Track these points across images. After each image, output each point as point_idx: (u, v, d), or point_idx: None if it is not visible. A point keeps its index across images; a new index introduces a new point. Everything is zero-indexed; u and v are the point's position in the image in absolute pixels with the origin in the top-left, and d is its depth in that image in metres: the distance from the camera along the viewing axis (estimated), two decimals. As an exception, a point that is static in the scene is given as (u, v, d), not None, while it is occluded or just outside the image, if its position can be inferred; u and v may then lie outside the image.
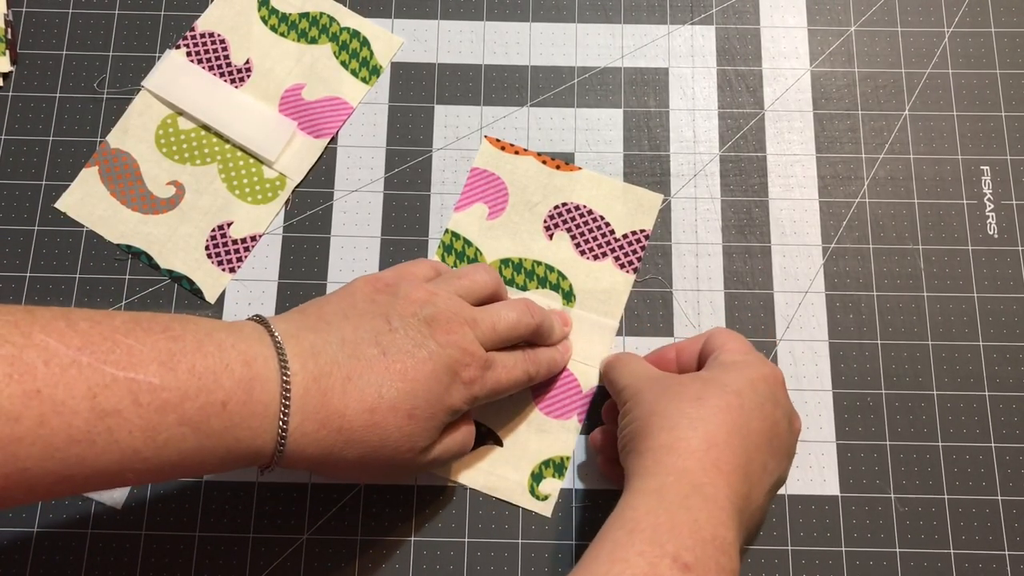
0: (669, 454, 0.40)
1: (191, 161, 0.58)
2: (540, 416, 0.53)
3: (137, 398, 0.34)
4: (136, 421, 0.34)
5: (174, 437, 0.35)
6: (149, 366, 0.34)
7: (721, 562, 0.37)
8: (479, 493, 0.52)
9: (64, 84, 0.59)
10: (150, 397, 0.34)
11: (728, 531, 0.38)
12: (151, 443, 0.34)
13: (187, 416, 0.35)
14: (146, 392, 0.34)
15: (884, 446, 0.53)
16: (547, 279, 0.56)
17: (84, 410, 0.32)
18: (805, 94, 0.60)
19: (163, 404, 0.34)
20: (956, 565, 0.51)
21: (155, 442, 0.34)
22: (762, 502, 0.43)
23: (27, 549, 0.51)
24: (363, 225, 0.57)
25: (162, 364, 0.35)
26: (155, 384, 0.34)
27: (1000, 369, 0.54)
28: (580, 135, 0.59)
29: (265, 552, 0.51)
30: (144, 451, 0.34)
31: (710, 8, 0.62)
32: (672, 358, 0.51)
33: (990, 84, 0.60)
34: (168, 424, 0.35)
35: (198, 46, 0.60)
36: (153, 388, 0.34)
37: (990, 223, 0.57)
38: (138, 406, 0.34)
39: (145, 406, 0.34)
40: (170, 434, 0.35)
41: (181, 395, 0.35)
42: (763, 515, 0.46)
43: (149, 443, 0.34)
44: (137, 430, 0.34)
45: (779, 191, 0.58)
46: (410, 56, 0.61)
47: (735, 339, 0.48)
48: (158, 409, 0.34)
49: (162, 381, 0.34)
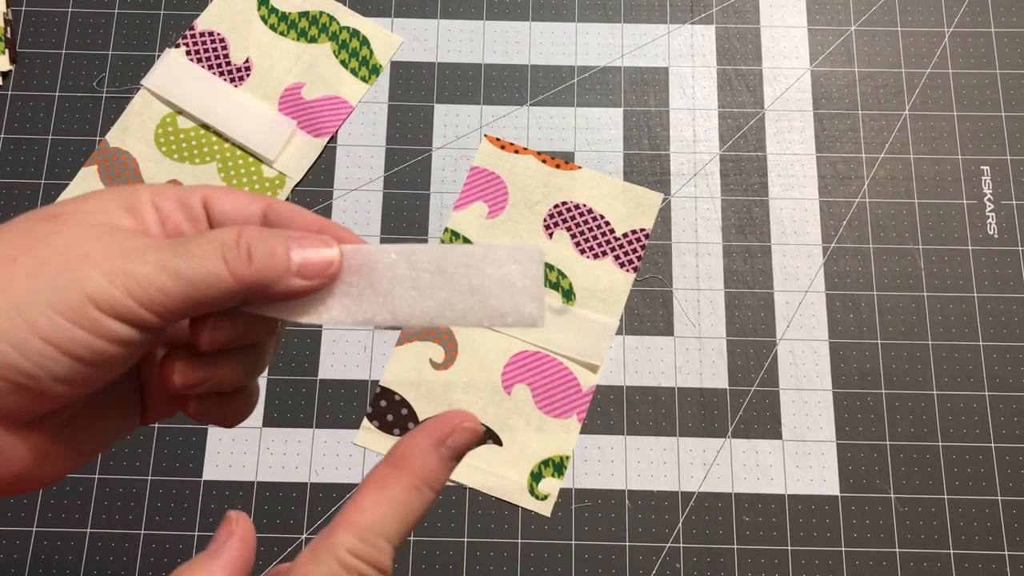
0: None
1: (190, 160, 0.58)
2: (540, 415, 0.53)
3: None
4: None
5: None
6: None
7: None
8: (479, 493, 0.52)
9: (63, 83, 0.59)
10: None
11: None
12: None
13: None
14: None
15: (884, 446, 0.53)
16: (547, 278, 0.56)
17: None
18: (805, 94, 0.60)
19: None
20: (956, 565, 0.51)
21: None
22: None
23: (27, 549, 0.51)
24: (363, 224, 0.57)
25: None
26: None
27: (1000, 369, 0.54)
28: (580, 134, 0.59)
29: (265, 552, 0.51)
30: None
31: (710, 7, 0.62)
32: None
33: (990, 84, 0.60)
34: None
35: (198, 45, 0.60)
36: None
37: (990, 223, 0.57)
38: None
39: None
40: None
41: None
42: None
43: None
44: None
45: (779, 191, 0.58)
46: (410, 55, 0.61)
47: None
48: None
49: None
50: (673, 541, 0.51)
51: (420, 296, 0.26)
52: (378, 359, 0.55)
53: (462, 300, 0.26)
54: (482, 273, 0.26)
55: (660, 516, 0.52)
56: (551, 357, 0.54)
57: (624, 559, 0.51)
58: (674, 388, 0.54)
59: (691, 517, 0.52)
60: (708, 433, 0.53)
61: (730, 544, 0.51)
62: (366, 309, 0.27)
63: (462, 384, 0.54)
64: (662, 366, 0.55)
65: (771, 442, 0.53)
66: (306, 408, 0.54)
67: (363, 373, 0.54)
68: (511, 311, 0.26)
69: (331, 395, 0.54)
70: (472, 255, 0.26)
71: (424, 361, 0.54)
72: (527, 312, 0.26)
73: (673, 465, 0.53)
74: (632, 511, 0.52)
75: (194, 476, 0.52)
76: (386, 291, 0.27)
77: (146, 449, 0.53)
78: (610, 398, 0.54)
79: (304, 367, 0.54)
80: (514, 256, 0.26)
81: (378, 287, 0.27)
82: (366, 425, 0.53)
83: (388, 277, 0.27)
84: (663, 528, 0.52)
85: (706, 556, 0.51)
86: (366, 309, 0.27)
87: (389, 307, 0.27)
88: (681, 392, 0.54)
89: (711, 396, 0.54)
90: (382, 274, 0.27)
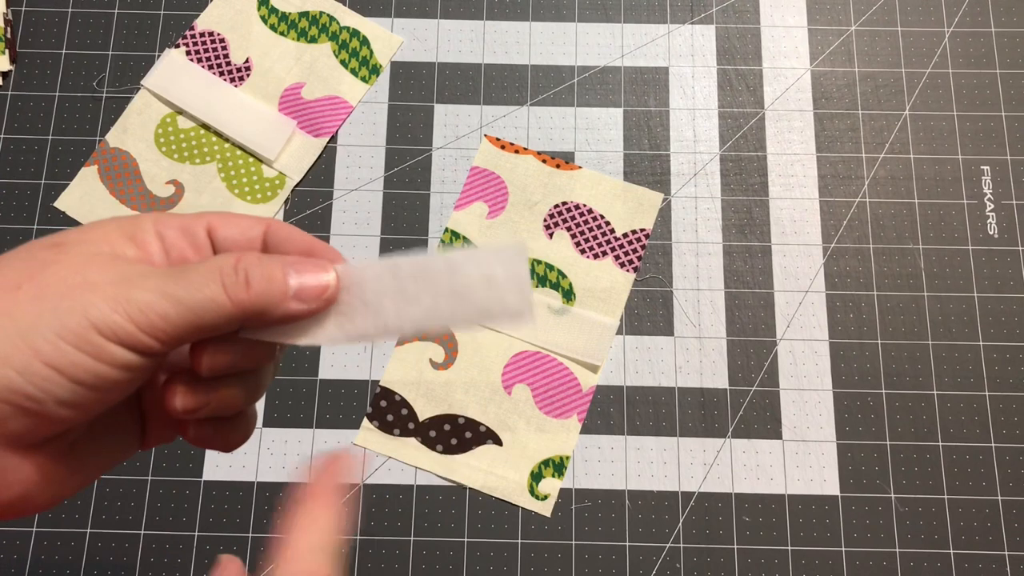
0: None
1: (190, 160, 0.58)
2: (540, 416, 0.53)
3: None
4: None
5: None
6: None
7: None
8: (479, 493, 0.52)
9: (63, 83, 0.59)
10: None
11: None
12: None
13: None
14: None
15: (884, 446, 0.53)
16: (547, 278, 0.56)
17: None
18: (805, 93, 0.60)
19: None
20: (956, 565, 0.51)
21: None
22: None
23: (27, 549, 0.51)
24: (363, 224, 0.57)
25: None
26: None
27: (1000, 369, 0.54)
28: (580, 134, 0.59)
29: (265, 552, 0.51)
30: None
31: (710, 7, 0.62)
32: None
33: (990, 84, 0.60)
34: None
35: (198, 45, 0.60)
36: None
37: (990, 223, 0.57)
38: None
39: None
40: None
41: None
42: None
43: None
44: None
45: (779, 190, 0.58)
46: (410, 55, 0.61)
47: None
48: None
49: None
50: (673, 541, 0.51)
51: (407, 304, 0.27)
52: (378, 359, 0.55)
53: (448, 303, 0.27)
54: (466, 275, 0.27)
55: (660, 516, 0.52)
56: (551, 357, 0.54)
57: (624, 559, 0.51)
58: (674, 388, 0.54)
59: (691, 517, 0.52)
60: (708, 433, 0.53)
61: (730, 544, 0.51)
62: (358, 324, 0.27)
63: (462, 384, 0.54)
64: (662, 366, 0.55)
65: (771, 442, 0.53)
66: (306, 408, 0.54)
67: (363, 373, 0.54)
68: (498, 308, 0.27)
69: (331, 395, 0.54)
70: (454, 259, 0.27)
71: (424, 361, 0.54)
72: (514, 307, 0.26)
73: (673, 465, 0.53)
74: (632, 511, 0.52)
75: (194, 476, 0.52)
76: (375, 304, 0.27)
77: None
78: (610, 398, 0.54)
79: (304, 367, 0.54)
80: (496, 256, 0.27)
81: (367, 301, 0.27)
82: (366, 425, 0.53)
83: (375, 290, 0.27)
84: (663, 528, 0.52)
85: (706, 556, 0.51)
86: (358, 324, 0.27)
87: (379, 319, 0.27)
88: (681, 392, 0.54)
89: (711, 396, 0.54)
90: (369, 288, 0.27)
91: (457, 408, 0.53)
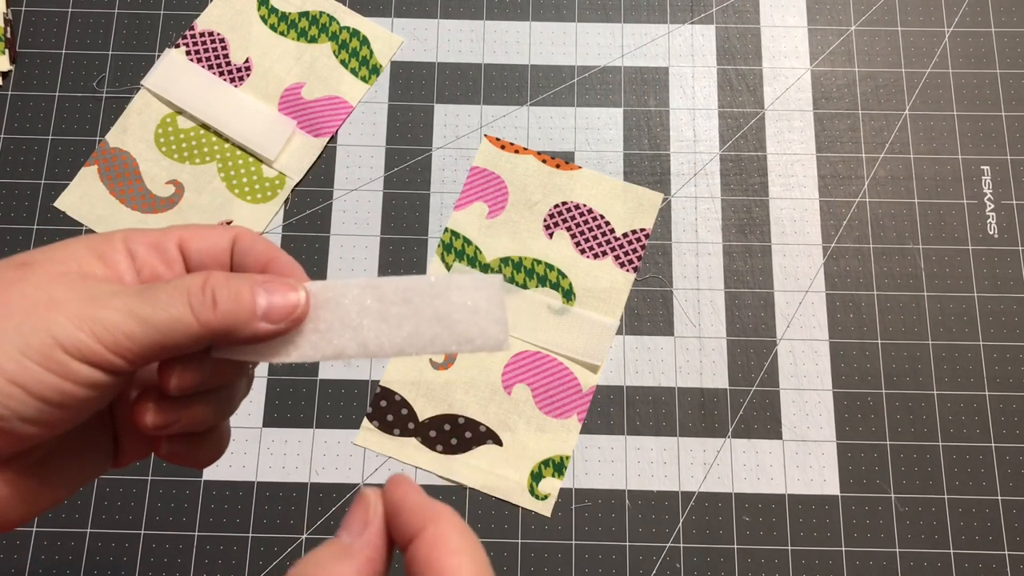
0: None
1: (190, 160, 0.58)
2: (540, 416, 0.53)
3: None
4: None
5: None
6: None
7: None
8: (479, 493, 0.52)
9: (63, 83, 0.59)
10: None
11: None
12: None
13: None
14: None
15: (884, 446, 0.53)
16: (547, 278, 0.56)
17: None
18: (805, 93, 0.60)
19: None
20: (956, 565, 0.51)
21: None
22: None
23: (27, 549, 0.51)
24: (363, 224, 0.57)
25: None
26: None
27: (1000, 369, 0.54)
28: (580, 134, 0.59)
29: (265, 552, 0.51)
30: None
31: (710, 7, 0.62)
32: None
33: (990, 84, 0.60)
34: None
35: (198, 45, 0.60)
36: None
37: (990, 223, 0.57)
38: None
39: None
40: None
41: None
42: None
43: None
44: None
45: (779, 190, 0.58)
46: (410, 55, 0.61)
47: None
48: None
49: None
50: (673, 541, 0.51)
51: (388, 327, 0.27)
52: (378, 359, 0.55)
53: (430, 328, 0.27)
54: (447, 301, 0.27)
55: (660, 516, 0.52)
56: (551, 357, 0.54)
57: (624, 559, 0.51)
58: (674, 388, 0.54)
59: (691, 517, 0.52)
60: (708, 433, 0.53)
61: (730, 544, 0.51)
62: (335, 344, 0.27)
63: (462, 384, 0.54)
64: (662, 366, 0.55)
65: (771, 442, 0.53)
66: (306, 408, 0.54)
67: (363, 373, 0.54)
68: (478, 335, 0.27)
69: (331, 395, 0.54)
70: (436, 285, 0.27)
71: (424, 361, 0.54)
72: (493, 335, 0.27)
73: (673, 465, 0.53)
74: (632, 511, 0.52)
75: (194, 476, 0.52)
76: (355, 324, 0.27)
77: (146, 449, 0.53)
78: (610, 398, 0.54)
79: (304, 367, 0.54)
80: (476, 284, 0.27)
81: (346, 321, 0.27)
82: (366, 425, 0.53)
83: (356, 311, 0.27)
84: (663, 528, 0.52)
85: (706, 556, 0.51)
86: (335, 344, 0.27)
87: (359, 339, 0.27)
88: (681, 392, 0.54)
89: (711, 396, 0.54)
90: (349, 308, 0.27)
91: (457, 408, 0.53)
